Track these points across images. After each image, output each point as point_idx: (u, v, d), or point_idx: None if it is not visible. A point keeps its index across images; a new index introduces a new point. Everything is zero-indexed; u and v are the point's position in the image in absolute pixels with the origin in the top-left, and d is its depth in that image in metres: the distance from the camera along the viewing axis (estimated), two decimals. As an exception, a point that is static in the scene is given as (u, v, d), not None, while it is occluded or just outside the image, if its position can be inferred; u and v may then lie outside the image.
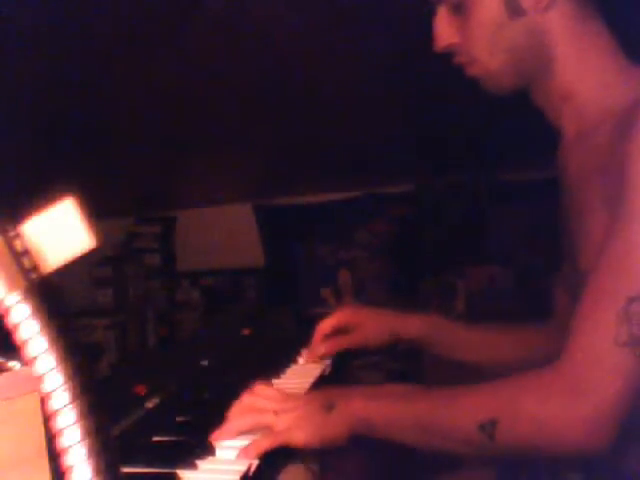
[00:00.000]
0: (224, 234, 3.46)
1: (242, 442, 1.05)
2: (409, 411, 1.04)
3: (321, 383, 1.34)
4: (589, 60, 1.07)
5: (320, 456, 1.20)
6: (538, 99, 1.12)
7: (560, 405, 0.93)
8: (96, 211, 0.59)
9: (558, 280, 1.30)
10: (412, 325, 1.40)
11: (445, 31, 1.12)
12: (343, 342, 1.42)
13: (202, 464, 0.99)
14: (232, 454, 1.02)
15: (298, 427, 1.06)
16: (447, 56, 1.15)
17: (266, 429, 1.06)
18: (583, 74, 1.07)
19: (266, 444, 1.02)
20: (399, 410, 1.05)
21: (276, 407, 1.08)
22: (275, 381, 1.33)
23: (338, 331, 1.44)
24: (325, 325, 1.43)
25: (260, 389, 1.14)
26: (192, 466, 0.98)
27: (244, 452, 1.00)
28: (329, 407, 1.07)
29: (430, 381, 2.59)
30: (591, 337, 0.93)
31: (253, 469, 0.97)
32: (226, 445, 1.05)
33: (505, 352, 1.38)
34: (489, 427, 0.95)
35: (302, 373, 1.38)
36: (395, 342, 1.42)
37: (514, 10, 1.05)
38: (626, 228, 0.93)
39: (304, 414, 1.07)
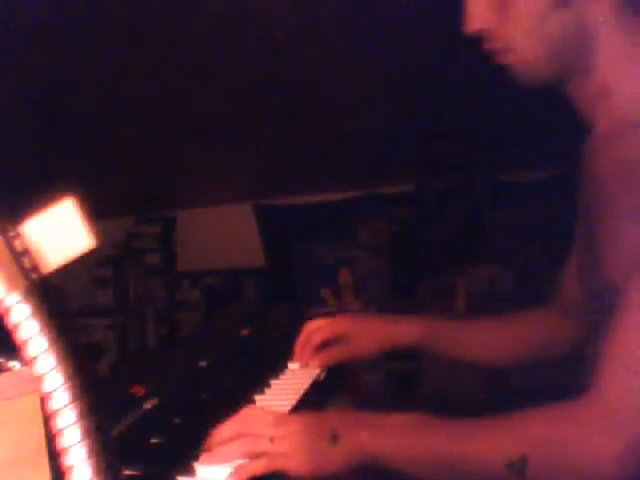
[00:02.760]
0: (224, 234, 3.46)
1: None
2: (424, 446, 0.98)
3: (321, 383, 1.34)
4: (630, 60, 1.03)
5: None
6: (573, 91, 1.07)
7: (594, 443, 0.90)
8: (96, 211, 0.59)
9: (567, 274, 1.27)
10: (407, 332, 1.36)
11: (482, 13, 1.04)
12: (336, 355, 1.37)
13: (200, 466, 0.99)
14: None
15: (296, 455, 0.99)
16: (447, 56, 1.14)
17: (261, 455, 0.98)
18: (622, 73, 1.03)
19: (261, 468, 0.96)
20: (412, 445, 0.98)
21: (273, 433, 1.00)
22: (274, 382, 1.33)
23: (331, 341, 1.41)
24: (317, 335, 1.38)
25: (253, 412, 1.06)
26: (189, 468, 0.98)
27: (237, 473, 0.95)
28: (332, 437, 1.00)
29: (430, 380, 2.59)
30: (624, 373, 0.90)
31: None
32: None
33: (504, 346, 1.36)
34: (519, 464, 0.91)
35: (302, 374, 1.38)
36: (391, 350, 1.38)
37: (561, 0, 1.01)
38: None
39: (304, 443, 1.00)
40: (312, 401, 1.23)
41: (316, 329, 1.40)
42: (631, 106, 1.02)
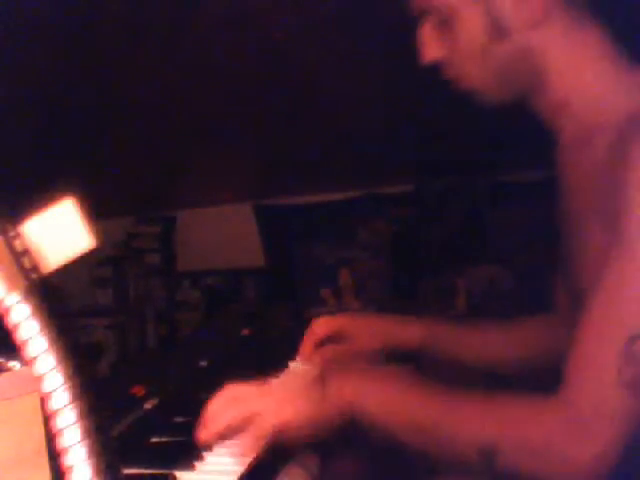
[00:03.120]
0: (224, 234, 3.46)
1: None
2: (408, 405, 0.99)
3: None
4: (584, 68, 1.04)
5: (319, 457, 1.17)
6: (534, 107, 1.10)
7: (563, 443, 0.90)
8: (96, 211, 0.59)
9: (558, 279, 1.28)
10: (410, 333, 1.36)
11: (431, 45, 1.10)
12: (338, 353, 1.38)
13: (200, 465, 0.99)
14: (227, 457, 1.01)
15: (285, 403, 0.99)
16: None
17: (253, 417, 0.98)
18: (578, 82, 1.04)
19: (256, 434, 0.96)
20: (398, 400, 0.99)
21: (258, 391, 1.02)
22: (274, 381, 1.33)
23: (332, 338, 1.41)
24: (319, 331, 1.39)
25: (234, 384, 1.06)
26: (190, 466, 0.98)
27: (243, 449, 0.96)
28: (321, 380, 1.01)
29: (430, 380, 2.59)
30: (593, 378, 0.90)
31: (249, 469, 0.97)
32: (223, 451, 1.04)
33: (506, 351, 1.36)
34: (488, 453, 0.92)
35: (302, 373, 1.38)
36: (392, 350, 1.38)
37: (498, 31, 1.02)
38: (621, 259, 0.90)
39: (292, 388, 1.02)
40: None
41: (320, 326, 1.40)
42: (590, 113, 1.03)
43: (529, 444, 0.93)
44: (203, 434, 1.00)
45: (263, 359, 1.48)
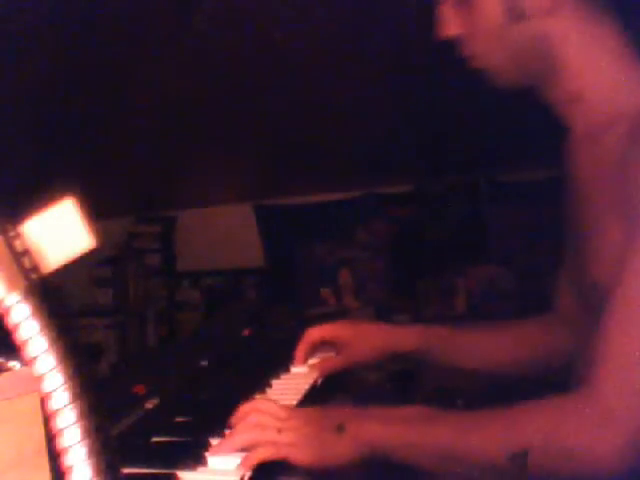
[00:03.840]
0: (224, 234, 3.46)
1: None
2: (429, 437, 0.99)
3: (322, 382, 1.34)
4: (598, 63, 1.04)
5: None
6: (546, 97, 1.10)
7: (594, 436, 0.91)
8: (96, 211, 0.59)
9: (561, 277, 1.28)
10: (406, 340, 1.36)
11: (450, 22, 1.10)
12: (336, 364, 1.37)
13: (201, 465, 0.99)
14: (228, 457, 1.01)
15: (303, 445, 1.00)
16: (447, 57, 1.14)
17: (269, 444, 1.00)
18: (592, 77, 1.04)
19: (267, 454, 0.98)
20: (417, 436, 1.00)
21: (280, 425, 1.02)
22: (275, 381, 1.33)
23: (329, 344, 1.41)
24: (312, 337, 1.38)
25: (264, 404, 1.08)
26: (191, 467, 0.98)
27: (245, 460, 0.97)
28: (339, 428, 1.01)
29: (430, 380, 2.59)
30: (620, 365, 0.91)
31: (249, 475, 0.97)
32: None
33: (504, 354, 1.36)
34: (519, 458, 0.91)
35: (302, 373, 1.38)
36: (389, 357, 1.38)
37: (515, 14, 1.03)
38: None
39: (310, 433, 1.01)
40: (314, 400, 1.24)
41: (313, 333, 1.40)
42: (603, 106, 1.03)
43: (559, 440, 0.93)
44: (219, 447, 1.01)
45: (263, 359, 1.47)
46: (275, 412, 1.06)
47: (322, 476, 1.04)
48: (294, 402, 1.21)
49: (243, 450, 1.01)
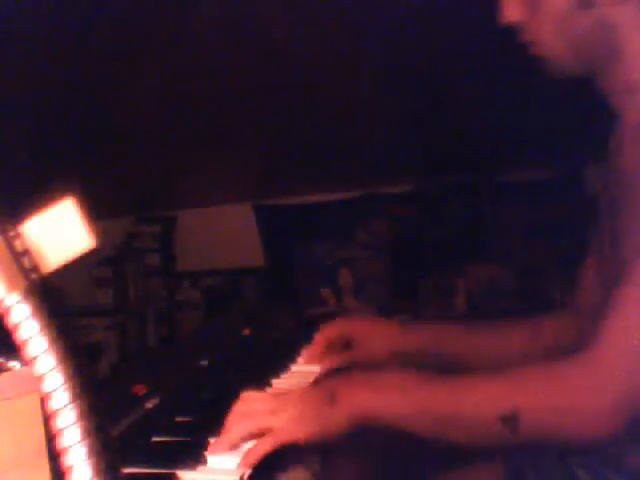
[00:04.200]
0: (224, 234, 3.46)
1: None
2: (422, 402, 1.00)
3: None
4: None
5: (320, 457, 1.18)
6: (601, 85, 1.11)
7: (587, 396, 0.92)
8: (96, 211, 0.59)
9: (589, 265, 1.28)
10: (415, 339, 1.38)
11: (513, 7, 1.11)
12: (346, 358, 1.40)
13: (201, 464, 0.99)
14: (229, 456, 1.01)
15: (297, 422, 1.01)
16: (448, 56, 1.14)
17: (265, 432, 1.01)
18: None
19: (267, 446, 0.98)
20: (410, 401, 1.00)
21: (272, 406, 1.04)
22: (275, 381, 1.33)
23: (340, 342, 1.42)
24: (330, 333, 1.41)
25: (251, 394, 1.09)
26: (191, 466, 0.98)
27: (245, 459, 0.97)
28: (330, 398, 1.02)
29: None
30: (624, 335, 0.93)
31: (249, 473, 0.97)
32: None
33: (511, 353, 1.36)
34: (511, 419, 0.93)
35: (302, 373, 1.38)
36: (398, 355, 1.39)
37: (584, 1, 1.04)
38: None
39: (303, 408, 1.02)
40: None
41: (332, 329, 1.43)
42: None
43: (551, 402, 0.94)
44: (217, 445, 1.02)
45: (263, 359, 1.48)
46: (262, 397, 1.07)
47: (322, 473, 1.04)
48: (294, 402, 1.20)
49: (242, 441, 1.01)
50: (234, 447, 1.01)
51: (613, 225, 1.10)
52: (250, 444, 1.01)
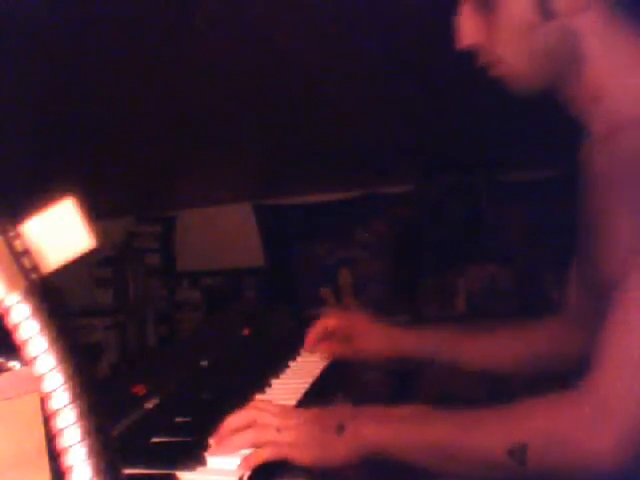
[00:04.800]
0: (224, 234, 3.46)
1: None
2: (428, 436, 1.00)
3: (321, 382, 1.34)
4: (619, 63, 1.05)
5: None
6: (566, 97, 1.10)
7: (593, 431, 0.91)
8: (96, 211, 0.59)
9: (572, 278, 1.28)
10: (414, 341, 1.39)
11: (470, 29, 1.10)
12: (341, 350, 1.42)
13: (201, 465, 0.99)
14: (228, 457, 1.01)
15: (303, 444, 1.02)
16: (448, 56, 1.14)
17: (269, 444, 1.01)
18: (614, 77, 1.05)
19: (267, 454, 0.99)
20: (417, 435, 1.01)
21: (280, 423, 1.04)
22: (274, 381, 1.33)
23: (338, 334, 1.44)
24: (329, 323, 1.43)
25: (262, 404, 1.10)
26: (191, 467, 0.98)
27: (245, 461, 0.98)
28: (338, 428, 1.02)
29: (430, 380, 2.59)
30: (619, 361, 0.92)
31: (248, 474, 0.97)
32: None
33: (509, 356, 1.36)
34: (519, 452, 0.93)
35: (302, 373, 1.38)
36: (395, 356, 1.40)
37: (545, 12, 1.03)
38: None
39: (310, 432, 1.03)
40: (313, 400, 1.24)
41: (332, 318, 1.45)
42: (623, 107, 1.04)
43: (557, 435, 0.93)
44: (216, 450, 1.02)
45: (263, 359, 1.48)
46: (274, 411, 1.07)
47: (321, 476, 1.04)
48: (293, 402, 1.21)
49: (242, 449, 1.02)
50: (236, 452, 1.02)
51: (588, 234, 1.09)
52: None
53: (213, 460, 1.01)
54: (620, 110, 1.04)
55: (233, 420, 1.05)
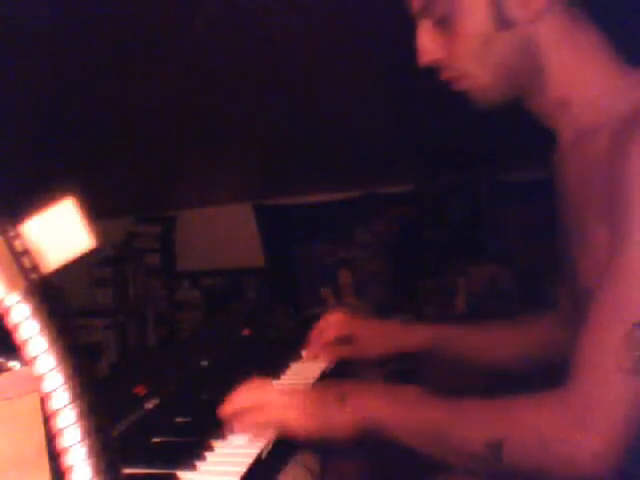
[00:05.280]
0: (224, 234, 3.46)
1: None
2: (421, 418, 1.03)
3: (322, 382, 1.34)
4: (582, 68, 1.04)
5: (320, 457, 1.19)
6: (532, 107, 1.10)
7: (568, 433, 0.92)
8: (96, 211, 0.59)
9: (560, 281, 1.29)
10: (416, 338, 1.41)
11: (430, 46, 1.10)
12: (345, 352, 1.44)
13: (201, 464, 0.99)
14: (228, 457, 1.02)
15: (306, 416, 1.06)
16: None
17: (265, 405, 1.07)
18: (577, 82, 1.04)
19: (267, 416, 1.05)
20: (411, 415, 1.04)
21: (285, 402, 1.09)
22: (275, 382, 1.33)
23: (342, 337, 1.45)
24: (334, 331, 1.45)
25: (268, 385, 1.15)
26: (191, 467, 0.98)
27: (241, 425, 1.04)
28: (340, 400, 1.06)
29: (429, 379, 2.59)
30: (597, 364, 0.92)
31: (251, 468, 0.97)
32: (224, 451, 1.05)
33: (509, 351, 1.38)
34: (496, 447, 0.95)
35: (302, 373, 1.38)
36: (397, 353, 1.42)
37: (502, 22, 1.02)
38: (625, 251, 0.91)
39: (313, 404, 1.07)
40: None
41: (332, 324, 1.46)
42: (590, 112, 1.04)
43: (535, 435, 0.95)
44: (224, 409, 1.09)
45: (263, 359, 1.48)
46: (274, 388, 1.14)
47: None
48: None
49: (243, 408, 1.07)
50: (237, 414, 1.08)
51: (566, 239, 1.10)
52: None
53: (213, 460, 1.01)
54: (586, 115, 1.04)
55: (236, 399, 1.10)
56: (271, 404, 1.07)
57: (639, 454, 0.92)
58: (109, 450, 0.52)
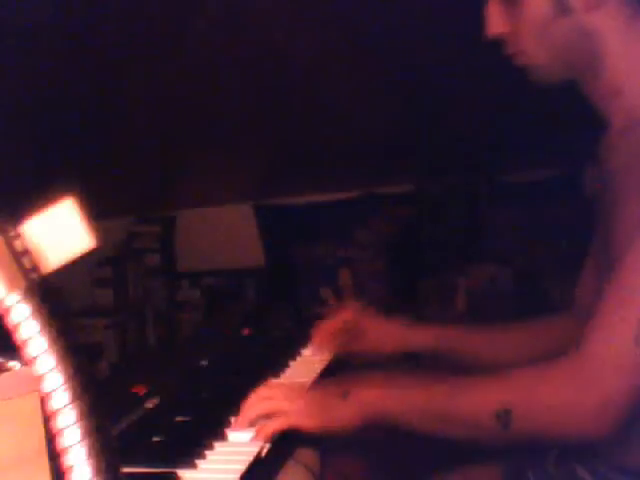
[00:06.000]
0: (224, 234, 3.46)
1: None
2: (425, 400, 1.06)
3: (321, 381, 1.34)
4: (638, 58, 1.08)
5: (319, 456, 1.20)
6: (587, 91, 1.13)
7: (574, 394, 0.96)
8: (96, 211, 0.59)
9: (588, 266, 1.29)
10: (422, 338, 1.42)
11: (496, 20, 1.13)
12: (350, 346, 1.44)
13: (201, 464, 0.99)
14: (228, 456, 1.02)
15: (310, 410, 1.09)
16: (448, 56, 1.14)
17: (280, 414, 1.09)
18: (632, 71, 1.08)
19: (278, 424, 1.06)
20: (415, 399, 1.07)
21: (290, 395, 1.12)
22: (275, 381, 1.33)
23: (351, 330, 1.46)
24: (345, 317, 1.47)
25: (273, 383, 1.20)
26: (192, 466, 0.98)
27: (258, 432, 1.05)
28: (344, 393, 1.09)
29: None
30: (612, 333, 0.95)
31: (250, 467, 0.97)
32: (224, 450, 1.05)
33: (514, 353, 1.37)
34: (504, 415, 0.97)
35: (302, 373, 1.38)
36: (401, 353, 1.43)
37: (562, 8, 1.06)
38: None
39: (317, 398, 1.10)
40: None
41: (344, 316, 1.49)
42: (639, 103, 1.07)
43: (541, 400, 0.98)
44: (237, 423, 1.10)
45: (263, 359, 1.48)
46: (282, 385, 1.20)
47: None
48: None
49: (257, 418, 1.10)
50: (252, 424, 1.09)
51: (605, 228, 1.11)
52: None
53: (212, 458, 1.01)
54: (638, 105, 1.06)
55: (249, 399, 1.12)
56: (284, 412, 1.09)
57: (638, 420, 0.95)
58: (109, 450, 0.52)
